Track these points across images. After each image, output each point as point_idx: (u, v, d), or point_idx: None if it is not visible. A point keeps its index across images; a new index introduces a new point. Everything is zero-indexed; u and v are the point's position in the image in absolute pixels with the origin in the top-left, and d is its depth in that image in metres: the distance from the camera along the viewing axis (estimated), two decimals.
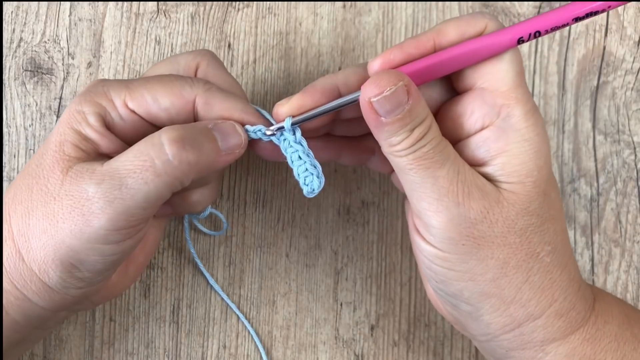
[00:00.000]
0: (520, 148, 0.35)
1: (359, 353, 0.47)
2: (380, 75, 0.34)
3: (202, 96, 0.37)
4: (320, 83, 0.37)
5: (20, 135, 0.47)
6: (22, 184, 0.37)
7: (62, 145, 0.36)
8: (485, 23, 0.36)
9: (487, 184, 0.36)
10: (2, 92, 0.47)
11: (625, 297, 0.48)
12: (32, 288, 0.37)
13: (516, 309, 0.37)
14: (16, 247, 0.36)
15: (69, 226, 0.35)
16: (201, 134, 0.36)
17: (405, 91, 0.34)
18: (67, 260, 0.36)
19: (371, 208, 0.48)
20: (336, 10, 0.48)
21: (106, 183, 0.34)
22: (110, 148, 0.37)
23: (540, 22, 0.35)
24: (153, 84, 0.37)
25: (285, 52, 0.48)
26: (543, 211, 0.36)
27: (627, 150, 0.48)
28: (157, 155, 0.35)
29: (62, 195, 0.35)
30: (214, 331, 0.47)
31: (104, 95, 0.37)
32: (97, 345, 0.46)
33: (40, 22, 0.48)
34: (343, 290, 0.48)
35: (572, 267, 0.38)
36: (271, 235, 0.48)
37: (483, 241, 0.35)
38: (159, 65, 0.40)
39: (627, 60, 0.49)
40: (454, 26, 0.36)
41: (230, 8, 0.48)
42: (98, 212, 0.34)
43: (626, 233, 0.48)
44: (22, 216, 0.36)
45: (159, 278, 0.47)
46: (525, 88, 0.36)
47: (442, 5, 0.49)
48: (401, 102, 0.34)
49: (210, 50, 0.41)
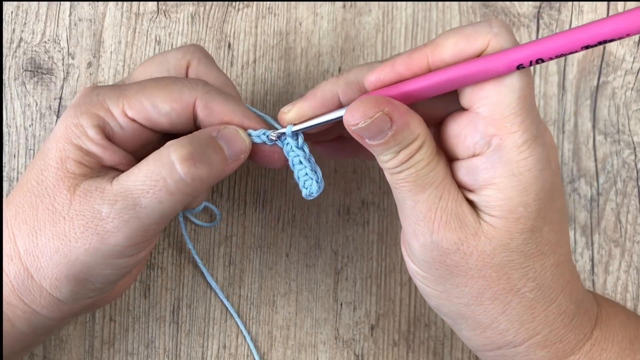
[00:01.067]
0: (507, 183, 0.33)
1: (359, 353, 0.47)
2: (358, 104, 0.33)
3: (201, 99, 0.36)
4: (320, 91, 0.37)
5: (20, 135, 0.47)
6: (23, 201, 0.36)
7: (64, 162, 0.35)
8: (487, 40, 0.32)
9: (469, 214, 0.34)
10: (2, 92, 0.47)
11: (625, 297, 0.48)
12: (41, 302, 0.36)
13: (493, 334, 0.36)
14: (24, 265, 0.36)
15: (83, 244, 0.35)
16: (209, 146, 0.36)
17: (385, 119, 0.33)
18: (81, 275, 0.36)
19: (371, 208, 0.48)
20: (336, 10, 0.48)
21: (120, 203, 0.34)
22: (114, 160, 0.36)
23: (543, 48, 0.31)
24: (151, 89, 0.36)
25: (285, 52, 0.48)
26: (528, 248, 0.34)
27: (627, 150, 0.48)
28: (169, 175, 0.34)
29: (72, 215, 0.35)
30: (214, 331, 0.47)
31: (100, 105, 0.36)
32: (97, 345, 0.46)
33: (40, 22, 0.48)
34: (343, 290, 0.47)
35: (565, 299, 0.36)
36: (271, 235, 0.48)
37: (457, 270, 0.35)
38: (148, 64, 0.39)
39: (627, 60, 0.49)
40: (451, 43, 0.33)
41: (230, 8, 0.48)
42: (114, 230, 0.34)
43: (626, 233, 0.48)
44: (29, 236, 0.35)
45: (159, 278, 0.47)
46: (528, 115, 0.33)
47: (442, 5, 0.49)
48: (382, 130, 0.33)
49: (199, 46, 0.40)
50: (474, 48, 0.32)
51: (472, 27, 0.33)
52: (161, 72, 0.39)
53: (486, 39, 0.32)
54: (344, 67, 0.48)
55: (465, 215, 0.34)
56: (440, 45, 0.33)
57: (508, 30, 0.33)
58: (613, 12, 0.49)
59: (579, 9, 0.49)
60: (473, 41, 0.32)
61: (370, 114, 0.33)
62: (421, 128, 0.34)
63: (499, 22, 0.33)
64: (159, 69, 0.39)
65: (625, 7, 0.49)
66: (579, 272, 0.48)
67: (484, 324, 0.36)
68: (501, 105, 0.32)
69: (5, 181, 0.47)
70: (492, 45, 0.32)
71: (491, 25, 0.33)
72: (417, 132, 0.34)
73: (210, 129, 0.37)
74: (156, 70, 0.39)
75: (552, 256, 0.35)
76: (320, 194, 0.38)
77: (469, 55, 0.33)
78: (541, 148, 0.34)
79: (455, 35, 0.33)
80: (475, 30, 0.33)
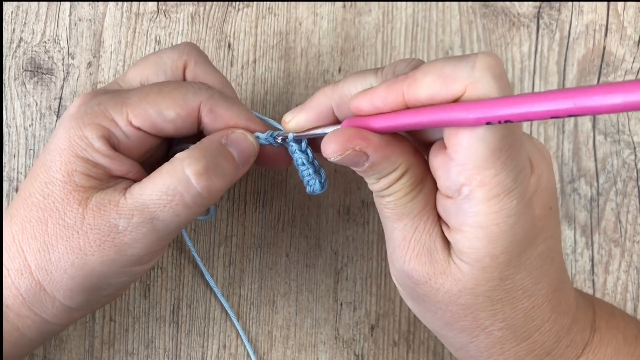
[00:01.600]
0: (474, 233, 0.32)
1: (359, 353, 0.47)
2: (331, 138, 0.33)
3: (206, 103, 0.36)
4: (315, 103, 0.36)
5: (20, 135, 0.47)
6: (30, 216, 0.35)
7: (72, 175, 0.35)
8: (464, 86, 0.29)
9: (441, 250, 0.34)
10: (2, 92, 0.47)
11: (625, 297, 0.48)
12: (53, 312, 0.37)
13: (465, 356, 0.37)
14: (36, 279, 0.35)
15: (100, 257, 0.35)
16: (221, 156, 0.35)
17: (358, 154, 0.32)
18: (96, 284, 0.36)
19: (371, 208, 0.48)
20: (336, 10, 0.48)
21: (137, 217, 0.34)
22: (122, 170, 0.36)
23: (513, 110, 0.27)
24: (154, 96, 0.36)
25: (285, 52, 0.48)
26: (496, 294, 0.34)
27: (627, 150, 0.48)
28: (186, 190, 0.34)
29: (86, 229, 0.34)
30: (214, 331, 0.47)
31: (103, 115, 0.35)
32: (97, 345, 0.46)
33: (40, 22, 0.48)
34: (343, 290, 0.47)
35: (541, 337, 0.36)
36: (271, 235, 0.48)
37: (426, 299, 0.35)
38: (143, 66, 0.39)
39: (627, 60, 0.49)
40: (428, 83, 0.30)
41: (230, 8, 0.48)
42: (131, 242, 0.35)
43: (626, 233, 0.48)
44: (40, 251, 0.35)
45: (158, 278, 0.47)
46: (502, 168, 0.30)
47: (442, 5, 0.49)
48: (358, 162, 0.33)
49: (194, 45, 0.40)
50: (450, 93, 0.29)
51: (452, 66, 0.30)
52: (157, 74, 0.38)
53: (463, 85, 0.29)
54: (344, 67, 0.48)
55: (436, 251, 0.34)
56: (417, 83, 0.31)
57: (492, 74, 0.29)
58: (613, 12, 0.49)
59: (579, 9, 0.49)
60: (450, 85, 0.29)
61: (340, 151, 0.32)
62: (403, 158, 0.33)
63: (484, 63, 0.29)
64: (154, 71, 0.38)
65: (625, 7, 0.49)
66: (578, 272, 0.48)
67: (455, 346, 0.37)
68: (473, 156, 0.30)
69: (5, 181, 0.47)
70: (469, 93, 0.29)
71: (474, 67, 0.29)
72: (398, 163, 0.33)
73: (219, 136, 0.36)
74: (152, 72, 0.38)
75: (527, 300, 0.34)
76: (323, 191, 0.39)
77: (443, 99, 0.30)
78: (515, 202, 0.31)
79: (432, 74, 0.30)
80: (454, 71, 0.29)
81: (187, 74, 0.39)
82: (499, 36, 0.48)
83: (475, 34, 0.48)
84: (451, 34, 0.48)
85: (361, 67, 0.48)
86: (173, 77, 0.38)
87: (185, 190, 0.34)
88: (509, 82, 0.36)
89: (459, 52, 0.48)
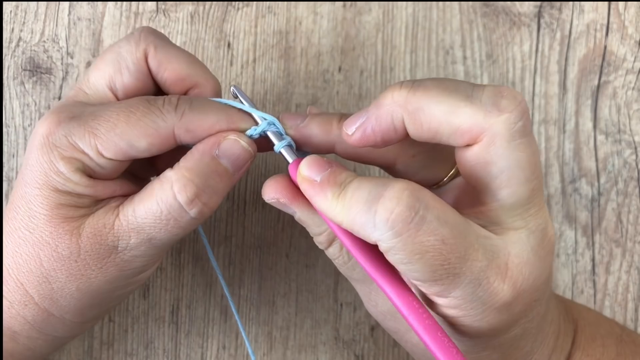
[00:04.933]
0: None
1: (359, 354, 0.47)
2: (267, 182, 0.35)
3: (179, 127, 0.34)
4: (382, 114, 0.33)
5: (19, 135, 0.47)
6: (20, 252, 0.34)
7: (57, 209, 0.33)
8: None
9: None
10: (1, 92, 0.47)
11: (626, 297, 0.48)
12: (62, 329, 0.36)
13: None
14: (41, 308, 0.35)
15: (104, 277, 0.34)
16: (213, 174, 0.34)
17: (284, 206, 0.35)
18: (104, 300, 0.36)
19: None
20: (336, 10, 0.48)
21: (134, 239, 0.34)
22: (107, 192, 0.35)
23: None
24: (122, 127, 0.33)
25: (285, 51, 0.48)
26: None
27: (628, 150, 0.48)
28: (179, 215, 0.33)
29: (84, 256, 0.34)
30: (214, 332, 0.47)
31: (72, 147, 0.33)
32: (96, 346, 0.46)
33: (39, 21, 0.48)
34: (343, 291, 0.47)
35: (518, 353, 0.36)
36: (271, 235, 0.47)
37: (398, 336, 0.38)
38: (102, 66, 0.36)
39: (628, 59, 0.49)
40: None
41: (229, 7, 0.48)
42: (132, 259, 0.34)
43: (627, 233, 0.48)
44: (41, 283, 0.34)
45: (158, 278, 0.47)
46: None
47: (442, 5, 0.48)
48: (288, 212, 0.35)
49: (148, 28, 0.37)
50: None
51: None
52: (121, 72, 0.36)
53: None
54: (344, 67, 0.48)
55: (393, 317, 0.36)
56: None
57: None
58: (614, 11, 0.49)
59: (580, 9, 0.49)
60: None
61: (268, 197, 0.35)
62: (325, 227, 0.34)
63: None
64: (117, 69, 0.36)
65: (626, 7, 0.49)
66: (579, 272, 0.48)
67: None
68: None
69: (4, 181, 0.47)
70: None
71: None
72: (322, 229, 0.35)
73: (210, 146, 0.34)
74: (115, 71, 0.36)
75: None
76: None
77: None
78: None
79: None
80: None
81: (150, 64, 0.36)
82: (500, 35, 0.48)
83: (475, 33, 0.48)
84: (452, 33, 0.48)
85: (361, 66, 0.48)
86: (137, 72, 0.36)
87: (179, 216, 0.33)
88: None
89: (459, 51, 0.48)
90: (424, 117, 0.31)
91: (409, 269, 0.30)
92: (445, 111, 0.31)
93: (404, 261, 0.30)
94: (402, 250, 0.29)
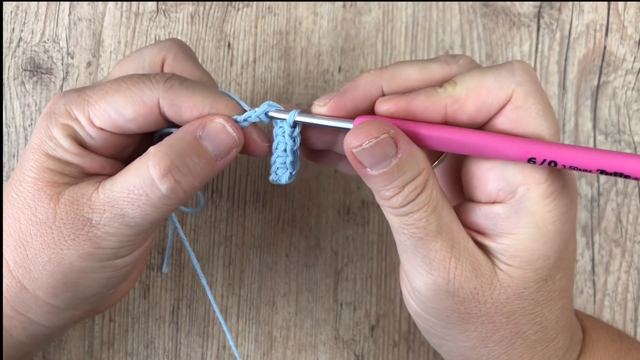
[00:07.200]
0: (529, 235, 0.32)
1: (359, 353, 0.47)
2: (361, 126, 0.31)
3: (164, 98, 0.34)
4: (363, 82, 0.34)
5: (19, 135, 0.47)
6: (6, 214, 0.35)
7: (43, 172, 0.34)
8: (511, 90, 0.32)
9: (484, 261, 0.33)
10: (2, 92, 0.47)
11: (625, 297, 0.48)
12: (38, 312, 0.36)
13: None
14: (15, 278, 0.35)
15: (76, 251, 0.34)
16: (190, 152, 0.33)
17: (391, 143, 0.31)
18: (78, 281, 0.35)
19: (371, 208, 0.48)
20: (336, 10, 0.48)
21: (108, 213, 0.34)
22: (95, 167, 0.35)
23: (560, 153, 0.30)
24: (112, 93, 0.34)
25: (285, 51, 0.48)
26: (539, 296, 0.34)
27: (627, 150, 0.48)
28: (151, 191, 0.33)
29: (59, 223, 0.34)
30: (214, 331, 0.47)
31: (68, 114, 0.34)
32: (96, 346, 0.46)
33: (40, 21, 0.48)
34: (343, 291, 0.47)
35: (562, 336, 0.36)
36: (271, 235, 0.47)
37: (468, 317, 0.34)
38: (124, 62, 0.37)
39: (628, 60, 0.49)
40: (471, 104, 0.32)
41: (230, 7, 0.48)
42: (106, 236, 0.34)
43: (627, 233, 0.48)
44: (17, 248, 0.35)
45: (158, 278, 0.47)
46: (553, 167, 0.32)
47: (442, 5, 0.48)
48: (387, 155, 0.31)
49: (177, 40, 0.38)
50: (497, 101, 0.32)
51: (493, 75, 0.32)
52: (137, 70, 0.37)
53: (510, 89, 0.32)
54: (343, 67, 0.48)
55: (480, 264, 0.33)
56: (462, 101, 0.32)
57: (532, 77, 0.32)
58: (614, 12, 0.49)
59: (579, 9, 0.49)
60: (496, 94, 0.32)
61: (375, 134, 0.31)
62: (425, 163, 0.32)
63: (522, 67, 0.32)
64: (134, 67, 0.37)
65: (625, 7, 0.49)
66: (579, 272, 0.48)
67: None
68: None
69: (4, 181, 0.47)
70: (517, 96, 0.32)
71: (514, 73, 0.32)
72: (422, 166, 0.32)
73: (195, 127, 0.34)
74: (132, 68, 0.37)
75: (560, 300, 0.35)
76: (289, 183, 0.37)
77: (490, 107, 0.32)
78: (566, 199, 0.32)
79: (474, 90, 0.32)
80: (498, 80, 0.32)
81: (165, 69, 0.37)
82: (500, 36, 0.48)
83: (475, 33, 0.48)
84: (451, 33, 0.48)
85: (361, 66, 0.48)
86: (151, 72, 0.37)
87: (150, 192, 0.33)
88: None
89: (459, 51, 0.48)
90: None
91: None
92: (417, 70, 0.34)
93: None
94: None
